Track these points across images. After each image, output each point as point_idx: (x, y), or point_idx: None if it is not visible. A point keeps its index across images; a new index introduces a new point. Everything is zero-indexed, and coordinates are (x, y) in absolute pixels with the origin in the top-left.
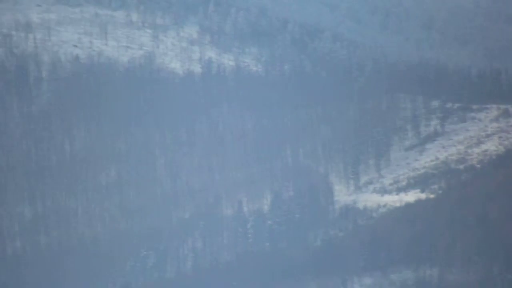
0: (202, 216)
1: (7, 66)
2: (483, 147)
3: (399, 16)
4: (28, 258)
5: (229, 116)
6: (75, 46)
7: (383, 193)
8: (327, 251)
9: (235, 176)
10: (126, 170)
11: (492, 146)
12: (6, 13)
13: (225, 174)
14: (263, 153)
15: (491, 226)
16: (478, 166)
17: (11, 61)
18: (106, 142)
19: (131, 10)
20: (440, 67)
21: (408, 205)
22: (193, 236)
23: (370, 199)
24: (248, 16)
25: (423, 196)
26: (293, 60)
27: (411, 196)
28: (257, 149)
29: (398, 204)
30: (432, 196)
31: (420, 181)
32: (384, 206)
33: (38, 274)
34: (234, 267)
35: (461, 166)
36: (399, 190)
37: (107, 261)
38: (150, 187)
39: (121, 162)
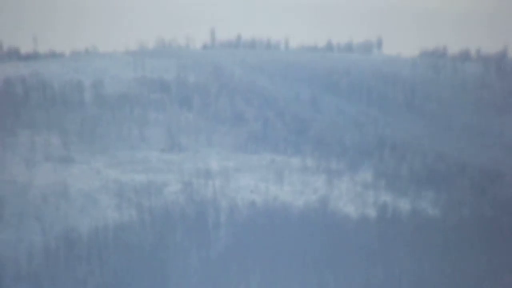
0: None
1: (187, 213)
2: None
3: None
4: None
5: (405, 263)
6: (251, 191)
7: None
8: None
9: None
10: None
11: None
12: (188, 162)
13: None
14: None
15: None
16: None
17: (191, 207)
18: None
19: (306, 155)
20: None
21: None
22: None
23: None
24: (425, 160)
25: None
26: (472, 204)
27: None
28: None
29: None
30: None
31: None
32: None
33: None
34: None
35: None
36: None
37: None
38: None
39: None
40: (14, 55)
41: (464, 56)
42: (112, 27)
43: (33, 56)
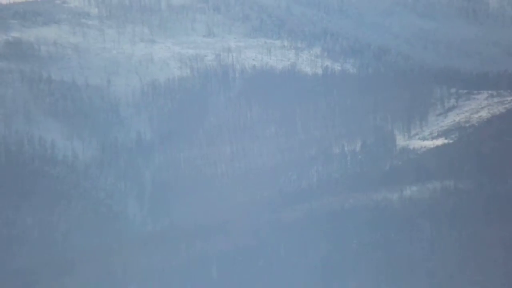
0: None
1: (217, 71)
2: (479, 114)
3: None
4: None
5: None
6: (253, 60)
7: (424, 139)
8: (393, 171)
9: None
10: None
11: (484, 114)
12: (218, 43)
13: None
14: None
15: (487, 159)
16: (477, 124)
17: (219, 68)
18: None
19: (284, 39)
20: None
21: (437, 146)
22: None
23: (416, 144)
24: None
25: (446, 141)
26: None
27: (439, 141)
28: None
29: (431, 146)
30: (451, 141)
31: (444, 133)
32: (424, 147)
33: None
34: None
35: (467, 124)
36: (432, 138)
37: None
38: None
39: None
40: None
41: None
42: None
43: None
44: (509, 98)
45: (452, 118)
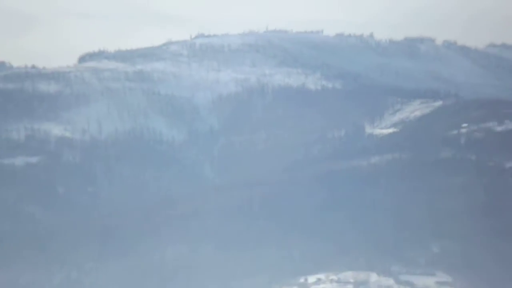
0: None
1: None
2: (415, 113)
3: None
4: None
5: None
6: None
7: (382, 129)
8: (364, 148)
9: None
10: None
11: (418, 113)
12: None
13: None
14: None
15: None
16: (413, 119)
17: None
18: None
19: None
20: None
21: (389, 133)
22: None
23: (377, 131)
24: None
25: (395, 130)
26: None
27: (390, 130)
28: None
29: (386, 133)
30: (397, 130)
31: (393, 125)
32: (382, 133)
33: None
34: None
35: (407, 120)
36: (387, 128)
37: None
38: None
39: None
40: None
41: None
42: None
43: None
44: (433, 104)
45: (398, 116)
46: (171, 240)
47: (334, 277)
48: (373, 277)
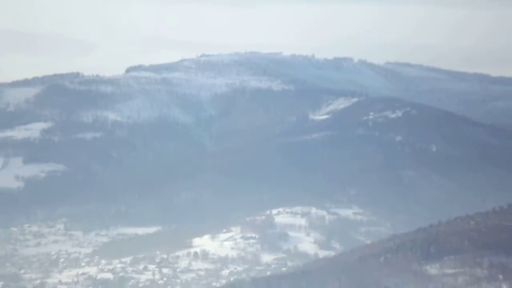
0: None
1: None
2: (341, 106)
3: None
4: None
5: None
6: None
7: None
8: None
9: None
10: None
11: (345, 104)
12: None
13: None
14: None
15: None
16: (341, 110)
17: None
18: None
19: None
20: None
21: (326, 118)
22: None
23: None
24: None
25: (328, 116)
26: None
27: (327, 116)
28: None
29: (324, 118)
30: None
31: (328, 113)
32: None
33: None
34: None
35: (336, 110)
36: (326, 114)
37: None
38: None
39: None
40: None
41: None
42: None
43: None
44: (351, 100)
45: (330, 108)
46: (184, 188)
47: (289, 210)
48: (313, 210)
